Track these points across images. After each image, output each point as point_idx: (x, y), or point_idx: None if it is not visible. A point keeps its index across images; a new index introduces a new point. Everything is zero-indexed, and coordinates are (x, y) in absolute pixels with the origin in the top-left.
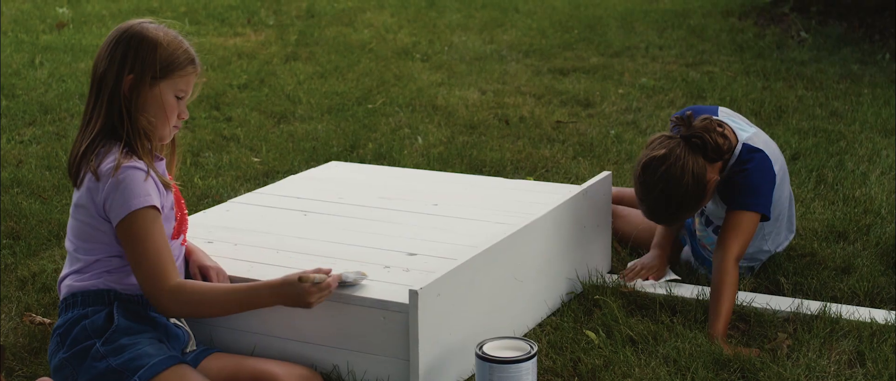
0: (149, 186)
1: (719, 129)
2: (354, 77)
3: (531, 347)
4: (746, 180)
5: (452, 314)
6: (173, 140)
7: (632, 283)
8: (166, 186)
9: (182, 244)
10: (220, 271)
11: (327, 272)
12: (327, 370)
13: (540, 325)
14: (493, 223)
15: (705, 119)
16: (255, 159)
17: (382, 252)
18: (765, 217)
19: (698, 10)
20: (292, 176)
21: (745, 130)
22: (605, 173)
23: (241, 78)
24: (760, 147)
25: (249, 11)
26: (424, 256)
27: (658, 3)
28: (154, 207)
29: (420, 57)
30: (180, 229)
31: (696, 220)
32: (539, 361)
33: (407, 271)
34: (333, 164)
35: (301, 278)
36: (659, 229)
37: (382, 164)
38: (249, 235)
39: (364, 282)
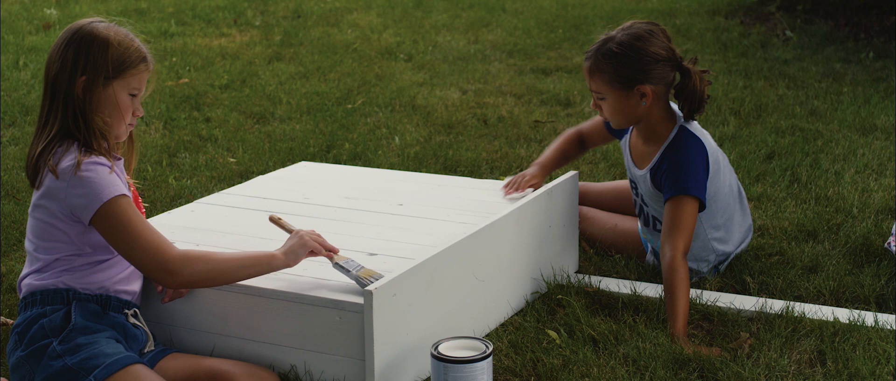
0: (114, 178)
1: (707, 94)
2: (336, 77)
3: (487, 347)
4: (678, 160)
5: (409, 314)
6: (131, 138)
7: (518, 193)
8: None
9: None
10: None
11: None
12: (285, 370)
13: (502, 325)
14: (457, 223)
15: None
16: (231, 160)
17: (344, 252)
18: (703, 205)
19: (685, 9)
20: (260, 176)
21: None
22: (571, 173)
23: (223, 79)
24: (696, 135)
25: (236, 12)
26: (385, 256)
27: (646, 3)
28: (125, 195)
29: (404, 57)
30: None
31: (643, 224)
32: (498, 361)
33: None
34: (303, 164)
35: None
36: (546, 152)
37: (357, 164)
38: (212, 235)
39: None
